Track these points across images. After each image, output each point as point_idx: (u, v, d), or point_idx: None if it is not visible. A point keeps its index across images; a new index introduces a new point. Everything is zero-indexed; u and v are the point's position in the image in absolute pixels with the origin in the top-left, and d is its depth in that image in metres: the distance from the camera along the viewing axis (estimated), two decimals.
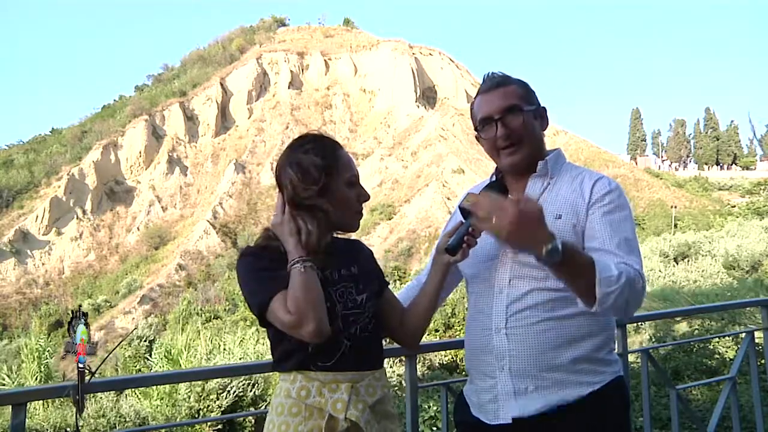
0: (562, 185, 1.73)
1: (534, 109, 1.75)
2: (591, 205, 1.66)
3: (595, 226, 1.63)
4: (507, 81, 1.76)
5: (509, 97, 1.72)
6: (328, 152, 1.59)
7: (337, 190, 1.58)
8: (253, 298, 1.52)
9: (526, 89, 1.77)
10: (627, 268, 1.51)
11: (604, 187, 1.69)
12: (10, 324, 56.47)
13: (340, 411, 1.49)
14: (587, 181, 1.71)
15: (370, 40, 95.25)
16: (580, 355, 1.62)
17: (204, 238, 65.19)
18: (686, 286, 14.42)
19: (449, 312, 14.79)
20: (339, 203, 1.59)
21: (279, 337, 1.55)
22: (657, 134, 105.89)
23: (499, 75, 1.78)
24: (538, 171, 1.74)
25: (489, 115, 1.73)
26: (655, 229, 52.22)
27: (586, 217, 1.66)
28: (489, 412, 1.68)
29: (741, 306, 6.49)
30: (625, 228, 1.64)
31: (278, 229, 1.54)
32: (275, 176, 1.63)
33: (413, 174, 72.72)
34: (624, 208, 1.68)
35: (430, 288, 1.76)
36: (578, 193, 1.70)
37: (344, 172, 1.60)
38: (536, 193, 1.74)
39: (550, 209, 1.68)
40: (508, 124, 1.71)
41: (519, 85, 1.77)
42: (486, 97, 1.76)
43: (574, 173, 1.76)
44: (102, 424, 6.98)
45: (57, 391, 1.83)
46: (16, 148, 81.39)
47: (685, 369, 6.31)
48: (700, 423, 3.09)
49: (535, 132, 1.75)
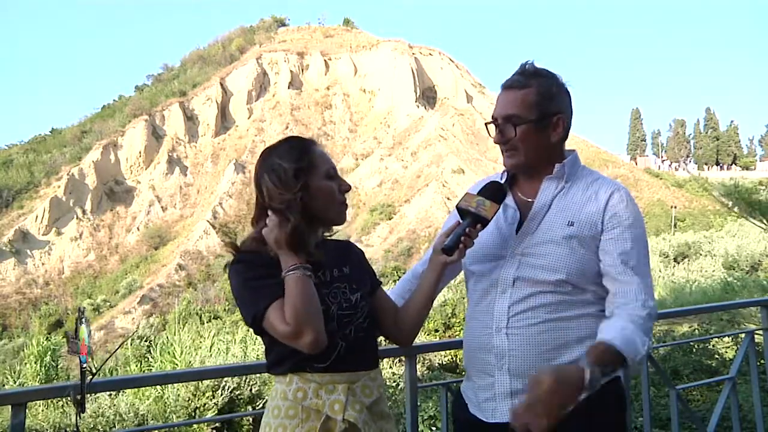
0: (577, 191, 1.72)
1: (538, 119, 1.70)
2: (608, 220, 1.66)
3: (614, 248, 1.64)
4: (526, 83, 1.71)
5: (514, 104, 1.70)
6: (301, 153, 1.59)
7: (317, 184, 1.58)
8: (246, 309, 1.51)
9: (544, 95, 1.70)
10: (645, 322, 1.54)
11: (621, 200, 1.68)
12: (10, 324, 56.44)
13: (338, 412, 1.48)
14: (603, 191, 1.70)
15: (370, 40, 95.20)
16: (580, 356, 1.62)
17: (204, 238, 65.18)
18: (686, 286, 14.43)
19: (449, 312, 14.78)
20: (321, 196, 1.58)
21: (274, 340, 1.54)
22: (657, 134, 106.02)
23: (526, 71, 1.73)
24: (554, 173, 1.73)
25: (494, 116, 1.75)
26: (655, 229, 52.20)
27: (600, 230, 1.66)
28: (487, 411, 1.68)
29: (741, 306, 6.50)
30: (638, 246, 1.65)
31: (270, 237, 1.52)
32: (254, 184, 1.62)
33: (413, 174, 72.71)
34: (639, 224, 1.69)
35: (426, 287, 1.75)
36: (593, 201, 1.69)
37: (321, 166, 1.60)
38: (550, 196, 1.73)
39: (563, 215, 1.69)
40: (503, 132, 1.72)
41: (539, 87, 1.70)
42: (501, 94, 1.75)
43: (589, 179, 1.75)
44: (101, 423, 6.98)
45: (57, 391, 1.84)
46: (16, 148, 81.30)
47: (685, 369, 6.30)
48: (700, 423, 3.09)
49: (536, 142, 1.71)
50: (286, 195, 1.53)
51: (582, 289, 1.66)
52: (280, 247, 1.50)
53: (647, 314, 1.57)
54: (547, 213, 1.71)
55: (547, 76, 1.73)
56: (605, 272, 1.65)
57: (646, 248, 1.68)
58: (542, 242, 1.68)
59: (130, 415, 7.12)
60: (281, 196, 1.53)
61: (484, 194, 1.70)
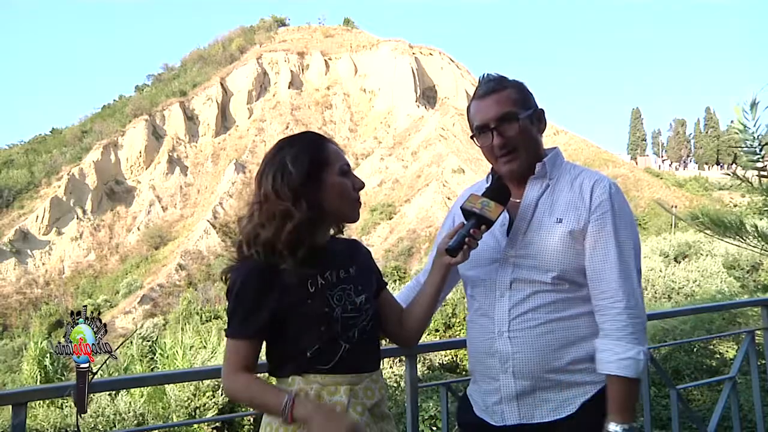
0: (563, 187, 1.72)
1: (530, 113, 1.72)
2: (592, 212, 1.65)
3: (597, 244, 1.63)
4: (502, 85, 1.73)
5: (505, 103, 1.70)
6: (314, 148, 1.57)
7: (332, 180, 1.56)
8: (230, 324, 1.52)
9: (523, 92, 1.74)
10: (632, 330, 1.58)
11: (604, 191, 1.67)
12: (10, 324, 56.46)
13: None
14: (587, 183, 1.70)
15: (370, 40, 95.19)
16: (582, 356, 1.63)
17: (204, 238, 65.15)
18: (686, 286, 14.41)
19: (449, 312, 14.77)
20: (335, 193, 1.56)
21: (275, 342, 1.54)
22: (657, 134, 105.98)
23: (495, 77, 1.75)
24: (536, 173, 1.73)
25: (485, 123, 1.72)
26: (655, 229, 52.17)
27: (588, 223, 1.64)
28: (496, 413, 1.69)
29: (741, 306, 6.50)
30: (623, 241, 1.63)
31: None
32: (256, 178, 1.57)
33: (413, 174, 72.69)
34: (624, 213, 1.66)
35: (430, 288, 1.74)
36: (578, 195, 1.69)
37: (335, 162, 1.58)
38: (535, 195, 1.72)
39: (551, 213, 1.68)
40: (504, 133, 1.70)
41: (515, 88, 1.73)
42: (481, 103, 1.73)
43: (573, 173, 1.75)
44: (101, 423, 6.99)
45: (57, 391, 1.83)
46: (16, 148, 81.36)
47: (685, 369, 6.30)
48: (700, 423, 3.09)
49: (532, 137, 1.73)
50: (281, 205, 1.50)
51: (579, 286, 1.65)
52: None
53: (629, 322, 1.57)
54: (534, 212, 1.70)
55: (513, 80, 1.76)
56: (586, 268, 1.64)
57: (630, 242, 1.64)
58: (534, 242, 1.67)
59: (130, 414, 7.12)
60: (277, 203, 1.50)
61: (488, 195, 1.69)
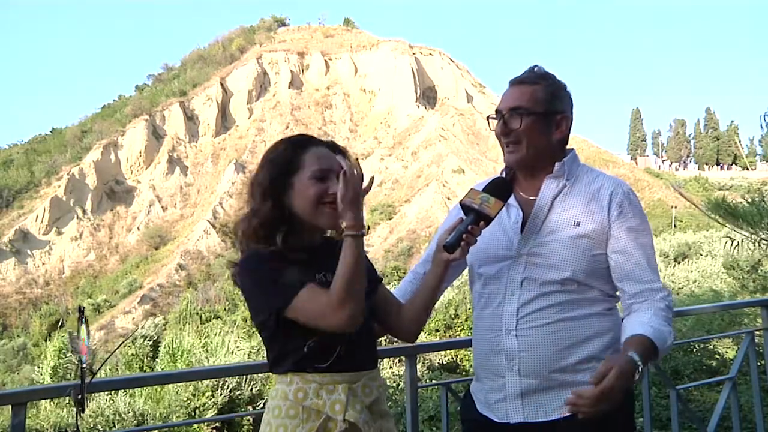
0: (580, 189, 1.73)
1: (544, 114, 1.71)
2: (614, 219, 1.68)
3: (626, 247, 1.67)
4: (533, 80, 1.74)
5: (522, 97, 1.71)
6: (289, 151, 1.60)
7: (298, 184, 1.57)
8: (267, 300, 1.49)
9: (552, 95, 1.73)
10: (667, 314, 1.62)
11: (624, 196, 1.70)
12: (10, 324, 56.45)
13: (339, 412, 1.48)
14: (605, 189, 1.72)
15: (370, 40, 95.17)
16: (588, 355, 1.64)
17: (204, 238, 65.14)
18: (686, 287, 14.41)
19: (451, 312, 14.78)
20: (300, 197, 1.57)
21: (274, 339, 1.55)
22: (657, 134, 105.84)
23: (534, 71, 1.77)
24: (554, 172, 1.73)
25: (500, 108, 1.75)
26: (655, 229, 52.22)
27: (608, 227, 1.68)
28: (499, 411, 1.70)
29: (741, 306, 6.50)
30: (647, 243, 1.71)
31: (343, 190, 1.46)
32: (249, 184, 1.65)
33: (413, 174, 72.70)
34: (644, 220, 1.72)
35: (430, 283, 1.74)
36: (596, 200, 1.70)
37: (310, 166, 1.58)
38: (551, 194, 1.73)
39: (569, 214, 1.69)
40: (508, 123, 1.72)
41: (547, 86, 1.73)
42: (509, 89, 1.76)
43: (591, 176, 1.76)
44: (101, 423, 6.98)
45: (57, 391, 1.83)
46: (16, 148, 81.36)
47: (685, 369, 6.30)
48: (700, 423, 3.09)
49: (539, 137, 1.72)
50: (251, 202, 1.60)
51: (588, 287, 1.67)
52: (345, 202, 1.46)
53: (666, 306, 1.63)
54: (550, 212, 1.71)
55: (555, 79, 1.77)
56: (619, 270, 1.67)
57: (652, 243, 1.73)
58: (548, 242, 1.68)
59: (129, 414, 7.12)
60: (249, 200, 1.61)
61: (489, 191, 1.68)
